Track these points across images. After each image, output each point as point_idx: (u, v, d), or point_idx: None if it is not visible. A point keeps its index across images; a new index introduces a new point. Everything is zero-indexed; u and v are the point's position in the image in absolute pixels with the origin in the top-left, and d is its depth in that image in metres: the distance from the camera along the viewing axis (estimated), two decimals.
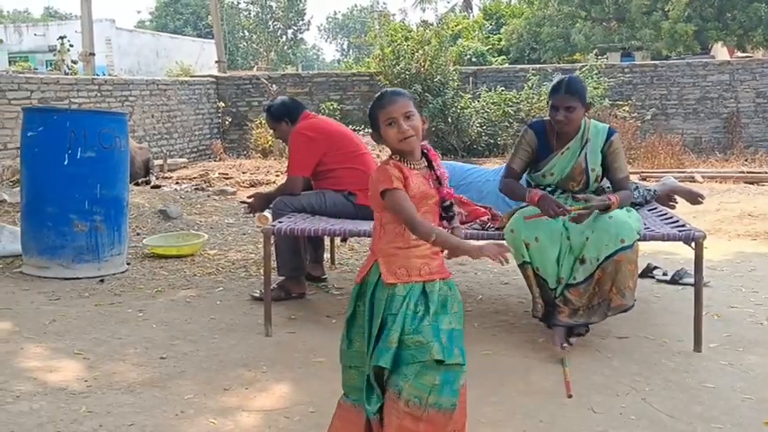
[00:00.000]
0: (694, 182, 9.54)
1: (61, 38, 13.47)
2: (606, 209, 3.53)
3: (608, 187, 3.85)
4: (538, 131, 3.81)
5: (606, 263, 3.49)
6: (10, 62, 22.39)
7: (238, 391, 3.18)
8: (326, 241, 5.27)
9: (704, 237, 3.61)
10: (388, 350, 2.25)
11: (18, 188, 5.96)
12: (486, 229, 3.95)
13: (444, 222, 2.46)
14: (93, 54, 13.61)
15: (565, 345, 3.57)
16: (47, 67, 21.53)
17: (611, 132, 3.76)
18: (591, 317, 3.59)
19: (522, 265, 3.62)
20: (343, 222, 4.29)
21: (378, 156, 10.78)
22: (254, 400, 3.10)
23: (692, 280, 3.97)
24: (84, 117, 5.67)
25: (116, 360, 3.52)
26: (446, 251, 2.35)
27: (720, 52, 21.29)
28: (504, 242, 2.33)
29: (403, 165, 2.35)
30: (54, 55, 15.24)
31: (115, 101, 11.25)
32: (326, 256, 5.26)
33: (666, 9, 19.77)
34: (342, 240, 5.65)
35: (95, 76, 12.43)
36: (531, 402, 3.07)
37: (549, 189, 3.80)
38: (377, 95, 2.47)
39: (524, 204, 3.87)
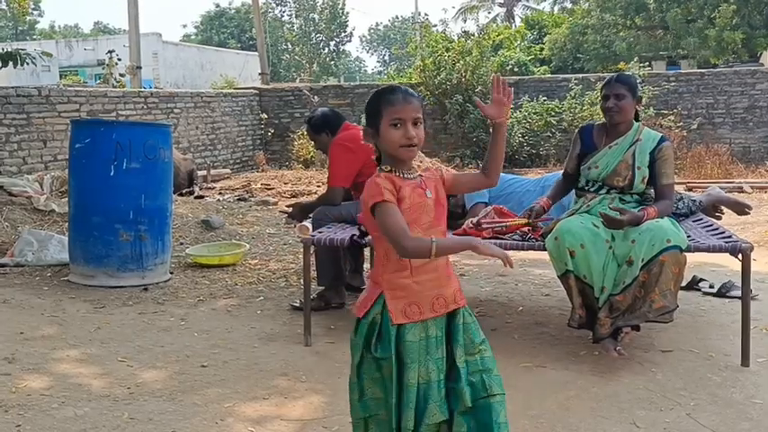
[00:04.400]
0: (743, 192, 9.32)
1: (110, 52, 13.80)
2: (638, 224, 3.50)
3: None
4: (584, 130, 4.00)
5: (651, 264, 3.44)
6: (61, 76, 22.99)
7: (277, 399, 3.20)
8: (366, 251, 5.27)
9: (751, 248, 3.52)
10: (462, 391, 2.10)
11: (66, 199, 6.10)
12: (527, 240, 3.91)
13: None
14: (140, 67, 13.91)
15: (618, 348, 3.52)
16: (95, 80, 22.07)
17: (663, 139, 3.83)
18: (630, 319, 3.51)
19: (564, 275, 3.58)
20: None
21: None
22: (292, 409, 3.11)
23: (739, 293, 3.88)
24: (129, 129, 5.79)
25: (158, 367, 3.57)
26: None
27: None
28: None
29: (394, 175, 2.12)
30: (103, 69, 15.62)
31: (161, 113, 11.46)
32: (366, 266, 5.26)
33: (712, 16, 19.43)
34: None
35: (142, 89, 12.69)
36: (571, 415, 3.02)
37: (594, 186, 3.83)
38: (385, 87, 2.22)
39: (566, 215, 3.85)
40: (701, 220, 4.33)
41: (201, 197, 9.18)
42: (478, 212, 4.23)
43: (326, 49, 42.53)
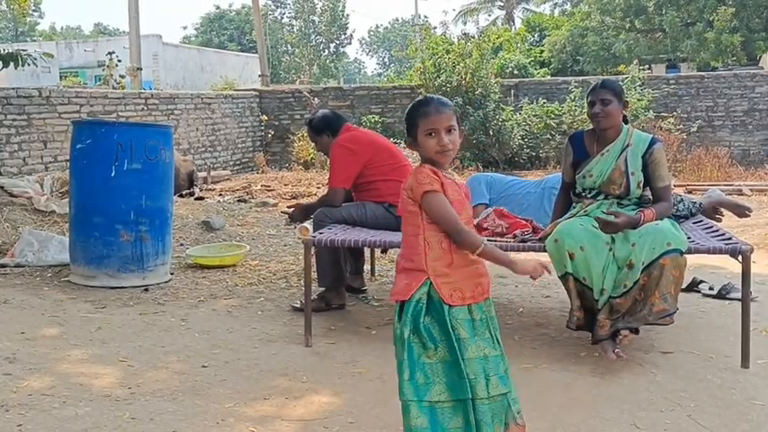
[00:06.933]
0: (742, 195, 9.33)
1: (110, 53, 13.80)
2: (634, 226, 3.51)
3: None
4: (574, 138, 4.00)
5: (651, 267, 3.45)
6: (61, 77, 22.95)
7: (278, 400, 3.20)
8: (366, 252, 5.28)
9: (751, 250, 3.53)
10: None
11: (67, 199, 6.11)
12: (527, 242, 3.91)
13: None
14: (140, 69, 13.92)
15: (617, 350, 3.52)
16: (96, 81, 22.05)
17: (653, 141, 3.81)
18: (630, 321, 3.52)
19: (563, 277, 3.58)
20: (383, 234, 4.30)
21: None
22: (293, 409, 3.11)
23: (739, 294, 3.88)
24: (130, 130, 5.79)
25: (159, 368, 3.57)
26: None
27: None
28: (542, 258, 2.35)
29: (439, 171, 2.32)
30: (103, 70, 15.61)
31: (161, 114, 11.47)
32: (366, 267, 5.27)
33: (711, 19, 19.46)
34: (382, 252, 5.65)
35: (142, 91, 12.71)
36: (572, 417, 3.03)
37: (591, 193, 3.84)
38: (420, 100, 2.40)
39: (565, 218, 3.85)
40: (701, 222, 4.34)
41: (202, 198, 9.19)
42: (479, 214, 4.23)
43: (326, 51, 42.55)
